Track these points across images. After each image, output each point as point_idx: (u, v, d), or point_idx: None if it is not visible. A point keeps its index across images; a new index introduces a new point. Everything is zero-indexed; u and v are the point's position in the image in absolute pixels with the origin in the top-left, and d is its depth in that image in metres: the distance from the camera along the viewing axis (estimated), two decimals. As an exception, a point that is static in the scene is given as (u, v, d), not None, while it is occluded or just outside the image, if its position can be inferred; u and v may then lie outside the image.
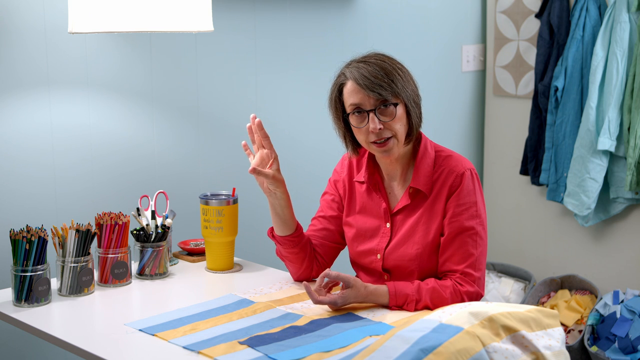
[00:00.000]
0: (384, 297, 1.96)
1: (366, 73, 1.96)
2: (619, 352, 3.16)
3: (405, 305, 1.95)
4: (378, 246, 2.09)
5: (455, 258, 2.00)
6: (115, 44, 2.52)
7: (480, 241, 2.01)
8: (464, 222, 2.00)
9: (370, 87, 1.95)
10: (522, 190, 3.77)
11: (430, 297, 1.95)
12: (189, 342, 1.75)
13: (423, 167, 2.05)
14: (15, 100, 2.34)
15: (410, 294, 1.95)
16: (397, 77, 1.98)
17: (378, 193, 2.11)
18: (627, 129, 3.25)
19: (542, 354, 1.63)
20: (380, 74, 1.96)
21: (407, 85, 2.00)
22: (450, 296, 1.95)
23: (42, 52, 2.37)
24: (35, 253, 2.01)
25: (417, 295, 1.95)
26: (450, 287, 1.96)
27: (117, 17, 2.10)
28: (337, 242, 2.21)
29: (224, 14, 2.76)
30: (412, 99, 2.01)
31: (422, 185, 2.04)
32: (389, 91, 1.96)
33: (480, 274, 2.00)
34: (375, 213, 2.12)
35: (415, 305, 1.94)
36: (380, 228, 2.10)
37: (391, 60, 2.02)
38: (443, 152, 2.09)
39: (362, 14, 3.22)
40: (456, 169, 2.03)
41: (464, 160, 2.06)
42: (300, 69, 3.05)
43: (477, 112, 3.84)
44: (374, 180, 2.12)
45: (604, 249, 3.54)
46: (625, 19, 3.23)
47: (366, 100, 1.97)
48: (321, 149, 3.14)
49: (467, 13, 3.71)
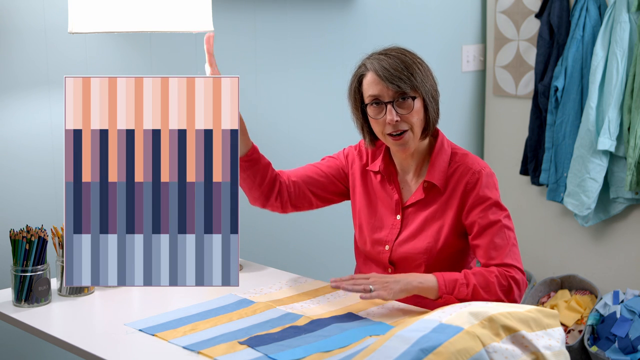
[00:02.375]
0: (432, 283, 1.94)
1: (387, 65, 1.99)
2: (619, 352, 3.16)
3: (456, 290, 1.94)
4: (387, 237, 2.11)
5: (489, 253, 2.00)
6: (115, 44, 2.52)
7: (510, 232, 2.02)
8: (490, 217, 2.01)
9: (389, 79, 1.98)
10: (522, 190, 3.77)
11: (477, 280, 1.95)
12: (189, 342, 1.75)
13: (439, 163, 2.07)
14: (15, 100, 2.34)
15: (459, 278, 1.95)
16: (416, 71, 2.01)
17: (392, 184, 2.13)
18: (627, 129, 3.25)
19: (542, 354, 1.63)
20: (400, 66, 1.99)
21: (426, 80, 2.03)
22: (497, 279, 1.95)
23: (42, 52, 2.37)
24: (35, 253, 2.01)
25: (465, 279, 1.95)
26: (494, 271, 1.96)
27: (117, 17, 2.10)
28: (314, 195, 2.21)
29: (224, 14, 2.76)
30: (431, 94, 2.04)
31: (437, 180, 2.06)
32: (408, 84, 1.99)
33: (519, 263, 2.00)
34: (387, 204, 2.13)
35: (466, 289, 1.93)
36: (390, 220, 2.11)
37: (412, 55, 2.05)
38: (460, 150, 2.12)
39: (362, 14, 3.21)
40: (473, 167, 2.06)
41: (480, 161, 2.09)
42: (300, 69, 3.05)
43: (477, 112, 3.84)
44: (388, 172, 2.14)
45: (604, 249, 3.54)
46: (625, 19, 3.23)
47: (385, 92, 2.00)
48: (321, 148, 3.13)
49: (467, 13, 3.71)
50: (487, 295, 1.94)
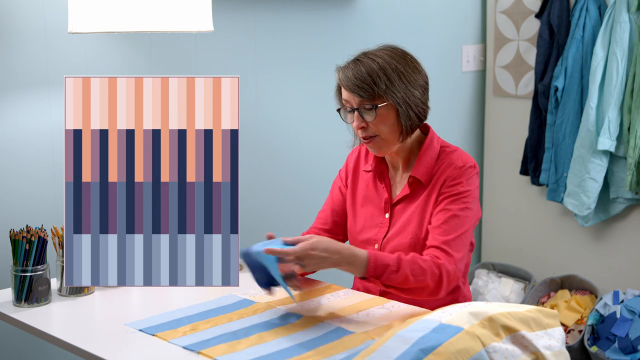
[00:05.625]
0: (361, 263, 1.90)
1: (350, 74, 2.01)
2: (619, 352, 3.16)
3: (385, 277, 1.91)
4: (376, 236, 2.13)
5: (436, 233, 1.99)
6: (115, 44, 2.52)
7: (464, 225, 2.00)
8: (452, 206, 2.01)
9: (351, 89, 2.01)
10: (522, 190, 3.77)
11: (409, 267, 1.92)
12: (189, 342, 1.75)
13: (425, 159, 2.07)
14: (15, 100, 2.34)
15: (391, 264, 1.91)
16: (381, 79, 1.99)
17: (382, 183, 2.14)
18: (627, 129, 3.25)
19: (542, 354, 1.63)
20: (363, 76, 1.99)
21: (398, 87, 2.00)
22: (429, 267, 1.93)
23: (42, 52, 2.37)
24: (35, 253, 2.01)
25: (397, 265, 1.91)
26: (428, 260, 1.95)
27: (117, 17, 2.10)
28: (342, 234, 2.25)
29: (224, 14, 2.76)
30: (404, 101, 2.01)
31: (421, 175, 2.06)
32: (369, 93, 1.99)
33: (459, 256, 1.98)
34: (377, 203, 2.15)
35: (395, 275, 1.90)
36: (379, 219, 2.13)
37: (389, 59, 2.02)
38: (448, 147, 2.12)
39: (362, 14, 3.22)
40: (455, 162, 2.06)
41: (467, 157, 2.08)
42: (300, 68, 3.05)
43: (477, 112, 3.84)
44: (379, 170, 2.15)
45: (604, 249, 3.54)
46: (625, 19, 3.23)
47: (352, 99, 2.03)
48: (322, 148, 3.14)
49: (467, 13, 3.71)
50: (417, 283, 1.92)
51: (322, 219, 2.26)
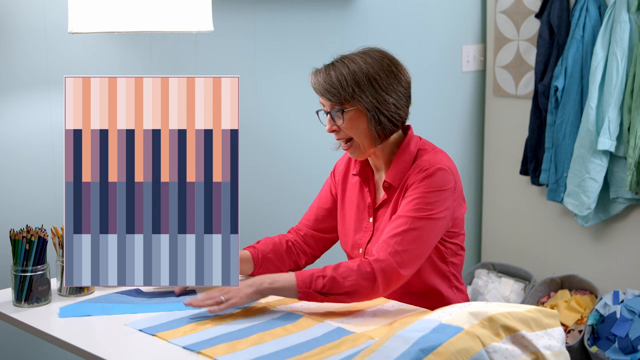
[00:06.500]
0: (287, 282, 1.90)
1: (320, 78, 2.04)
2: (619, 352, 3.16)
3: (314, 283, 1.89)
4: (361, 240, 2.14)
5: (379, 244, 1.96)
6: (115, 44, 2.52)
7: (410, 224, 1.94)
8: (405, 207, 1.97)
9: (321, 92, 2.04)
10: (522, 190, 3.77)
11: (336, 270, 1.90)
12: (189, 342, 1.75)
13: (399, 163, 2.06)
14: (16, 100, 2.34)
15: (315, 271, 1.91)
16: (350, 84, 1.99)
17: (367, 186, 2.14)
18: (627, 129, 3.25)
19: (542, 354, 1.63)
20: (331, 80, 2.01)
21: (367, 93, 2.00)
22: (358, 267, 1.90)
23: (42, 52, 2.37)
24: (35, 253, 2.01)
25: (322, 272, 1.90)
26: (358, 260, 1.93)
27: (117, 17, 2.10)
28: (327, 231, 2.25)
29: (224, 14, 2.76)
30: (374, 106, 2.00)
31: (392, 179, 2.06)
32: (337, 97, 2.01)
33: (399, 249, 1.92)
34: (362, 208, 2.15)
35: (323, 280, 1.88)
36: (365, 223, 2.14)
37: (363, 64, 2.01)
38: (425, 150, 2.08)
39: (362, 14, 3.22)
40: (422, 165, 2.02)
41: (440, 158, 2.03)
42: (301, 68, 3.05)
43: (477, 112, 3.84)
44: (365, 174, 2.15)
45: (604, 249, 3.54)
46: (625, 19, 3.23)
47: (324, 102, 2.07)
48: (321, 148, 3.13)
49: (467, 13, 3.71)
50: (347, 282, 1.89)
51: (305, 218, 2.29)
